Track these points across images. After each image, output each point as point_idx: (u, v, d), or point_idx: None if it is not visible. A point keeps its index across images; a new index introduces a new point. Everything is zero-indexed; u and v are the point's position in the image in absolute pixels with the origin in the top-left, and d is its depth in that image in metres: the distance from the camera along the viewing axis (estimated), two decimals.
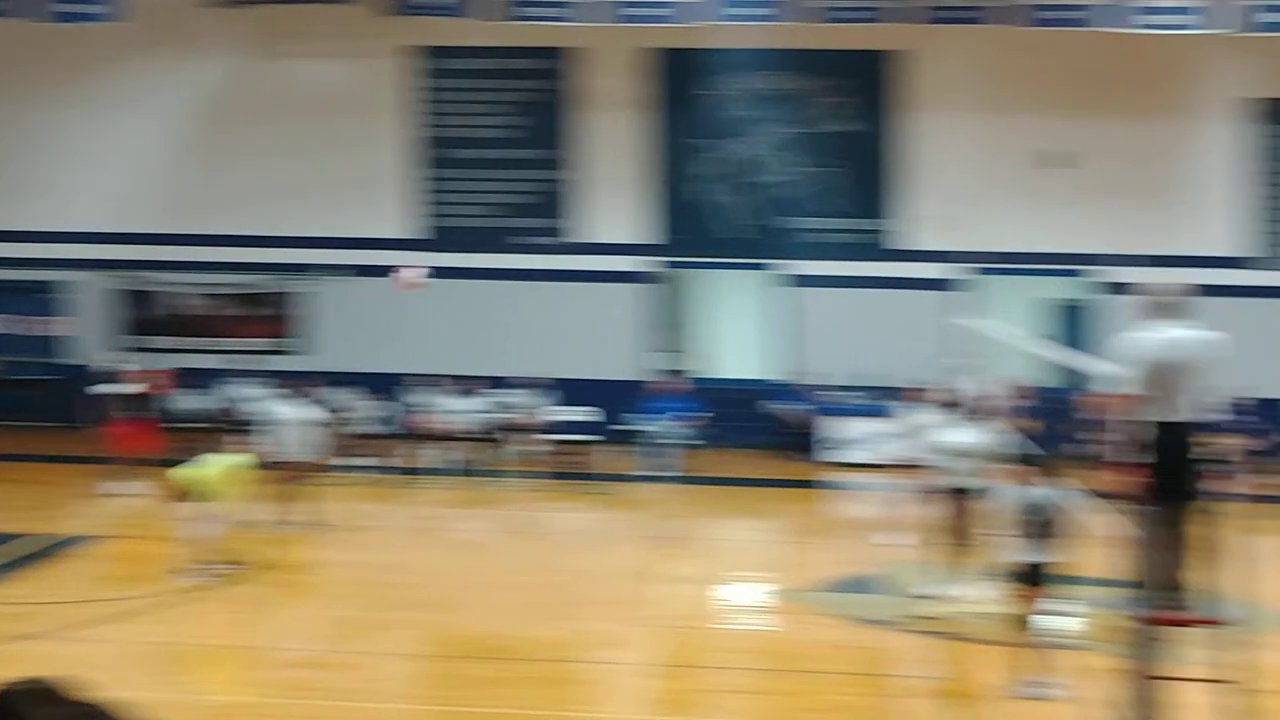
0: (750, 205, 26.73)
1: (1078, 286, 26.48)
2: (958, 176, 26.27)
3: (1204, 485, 10.00)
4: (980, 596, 15.34)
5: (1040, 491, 12.36)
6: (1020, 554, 12.28)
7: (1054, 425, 21.46)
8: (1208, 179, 26.22)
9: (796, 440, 25.54)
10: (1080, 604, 15.58)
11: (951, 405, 15.70)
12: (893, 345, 25.29)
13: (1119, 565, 14.44)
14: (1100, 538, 16.44)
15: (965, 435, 15.11)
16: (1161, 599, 9.88)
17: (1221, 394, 10.00)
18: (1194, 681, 11.90)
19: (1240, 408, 22.78)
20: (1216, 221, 26.14)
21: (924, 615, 14.81)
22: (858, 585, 16.29)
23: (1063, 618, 15.13)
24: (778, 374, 26.64)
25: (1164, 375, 9.78)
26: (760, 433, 26.00)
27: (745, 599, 16.32)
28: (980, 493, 15.16)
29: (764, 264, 26.77)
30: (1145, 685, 9.47)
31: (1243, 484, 20.78)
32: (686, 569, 17.47)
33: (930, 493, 15.57)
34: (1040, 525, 12.15)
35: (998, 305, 24.54)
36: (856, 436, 24.83)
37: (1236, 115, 26.05)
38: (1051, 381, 27.26)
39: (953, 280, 25.97)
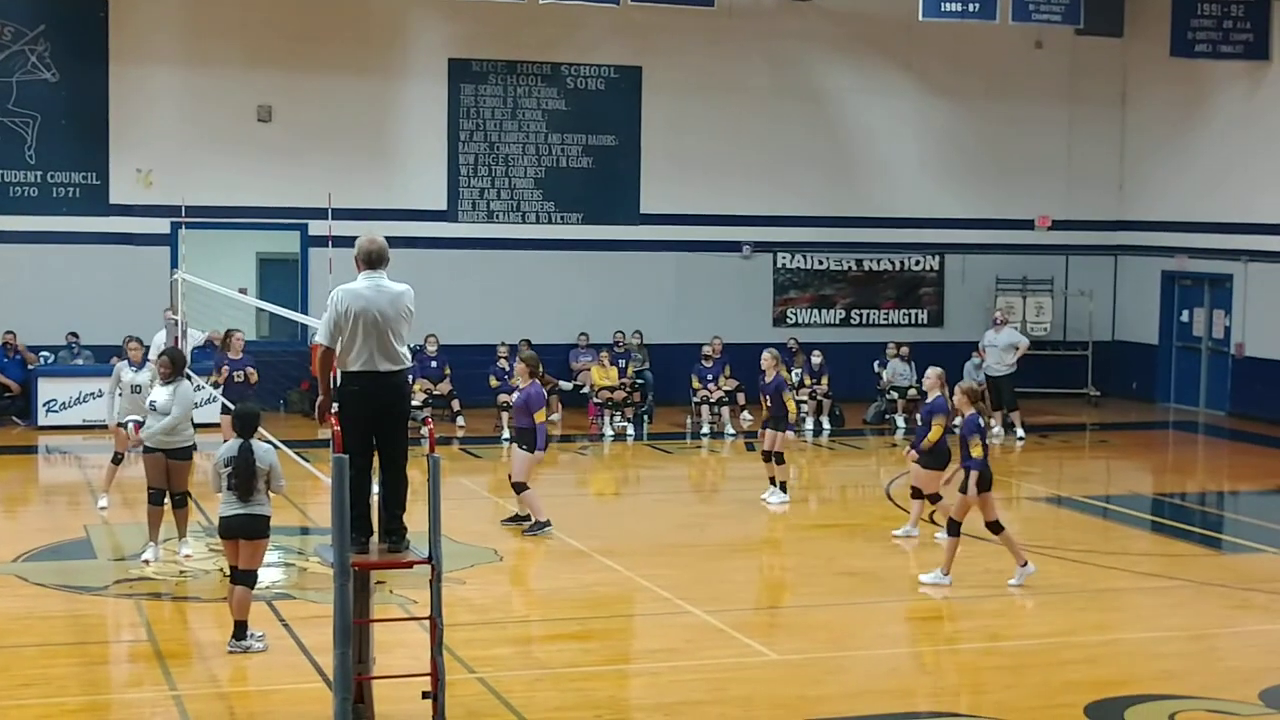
0: None
1: (290, 240, 26.76)
2: (169, 129, 25.82)
3: (404, 431, 10.38)
4: (191, 553, 15.30)
5: (264, 446, 12.39)
6: (255, 507, 12.25)
7: (266, 376, 21.65)
8: (415, 135, 27.12)
9: (12, 404, 24.46)
10: (285, 552, 15.86)
11: (165, 362, 15.43)
12: (108, 302, 24.67)
13: (321, 513, 14.88)
14: (303, 487, 16.82)
15: (166, 392, 14.93)
16: (362, 544, 10.18)
17: (417, 342, 10.37)
18: (397, 621, 12.44)
19: (430, 356, 24.02)
20: (420, 176, 27.11)
21: (135, 577, 14.57)
22: (63, 552, 15.81)
23: (276, 567, 15.36)
24: None
25: (364, 325, 10.03)
26: None
27: None
28: (187, 450, 15.09)
29: None
30: (351, 629, 9.71)
31: (436, 428, 21.85)
32: None
33: (143, 452, 15.31)
34: (242, 478, 12.18)
35: (211, 259, 24.37)
36: (72, 398, 24.03)
37: (439, 74, 27.08)
38: (266, 335, 27.55)
39: (163, 235, 25.54)
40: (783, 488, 18.99)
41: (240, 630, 12.26)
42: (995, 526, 15.03)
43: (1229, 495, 21.86)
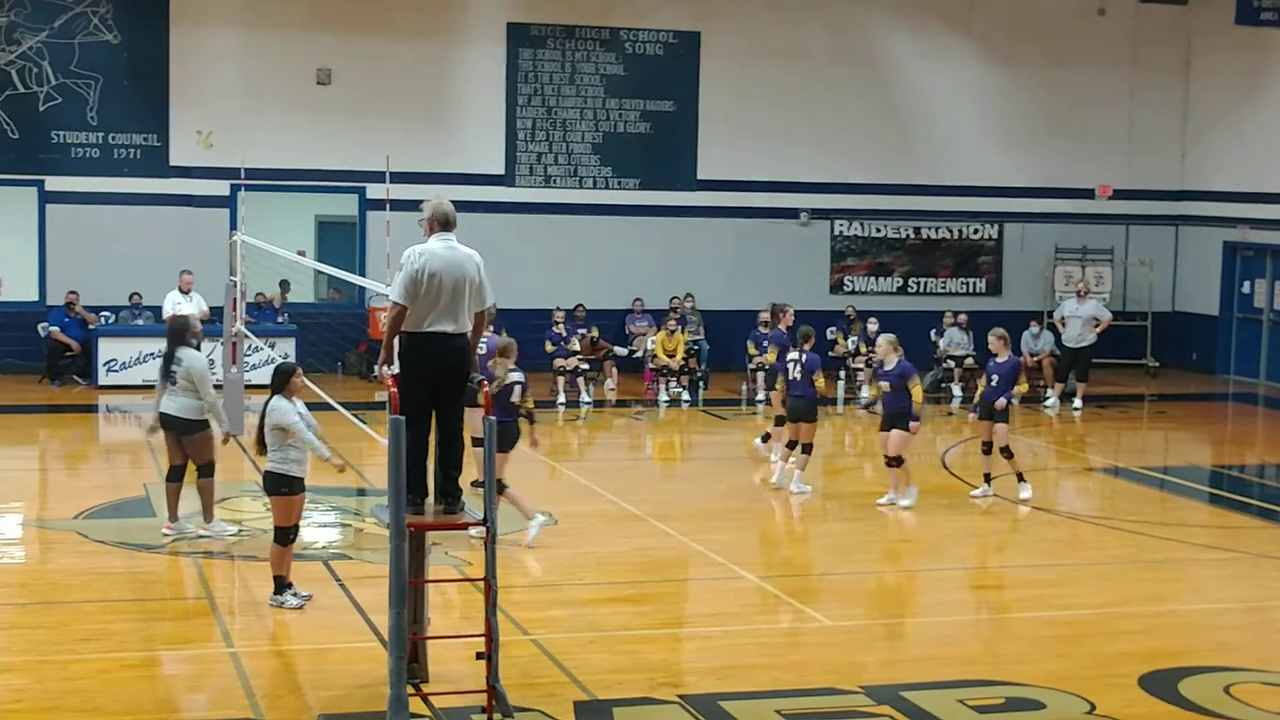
0: (15, 118, 25.33)
1: (348, 203, 26.87)
2: (229, 91, 25.95)
3: (463, 394, 10.42)
4: (220, 525, 15.27)
5: (283, 404, 12.47)
6: (270, 465, 12.40)
7: (323, 338, 21.79)
8: (474, 99, 27.15)
9: (73, 363, 24.69)
10: (341, 513, 15.97)
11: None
12: (169, 263, 24.80)
13: (378, 474, 14.95)
14: (359, 448, 16.89)
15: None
16: (418, 505, 10.23)
17: (484, 303, 10.36)
18: (451, 582, 12.52)
19: (492, 319, 23.98)
20: (479, 140, 27.14)
21: (186, 535, 14.69)
22: (123, 510, 15.98)
23: (332, 527, 15.47)
24: (50, 295, 25.55)
25: (441, 289, 10.05)
26: (35, 356, 24.90)
27: (4, 532, 15.62)
28: (194, 424, 14.93)
29: (32, 180, 25.53)
30: (407, 590, 9.78)
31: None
32: None
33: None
34: (281, 436, 12.32)
35: (270, 221, 24.51)
36: (132, 358, 24.24)
37: (497, 38, 27.09)
38: (324, 297, 27.69)
39: (223, 196, 25.68)
40: (1020, 479, 17.47)
41: (278, 585, 12.40)
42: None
43: None
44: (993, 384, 17.25)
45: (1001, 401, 17.06)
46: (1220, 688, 10.99)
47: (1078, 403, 24.96)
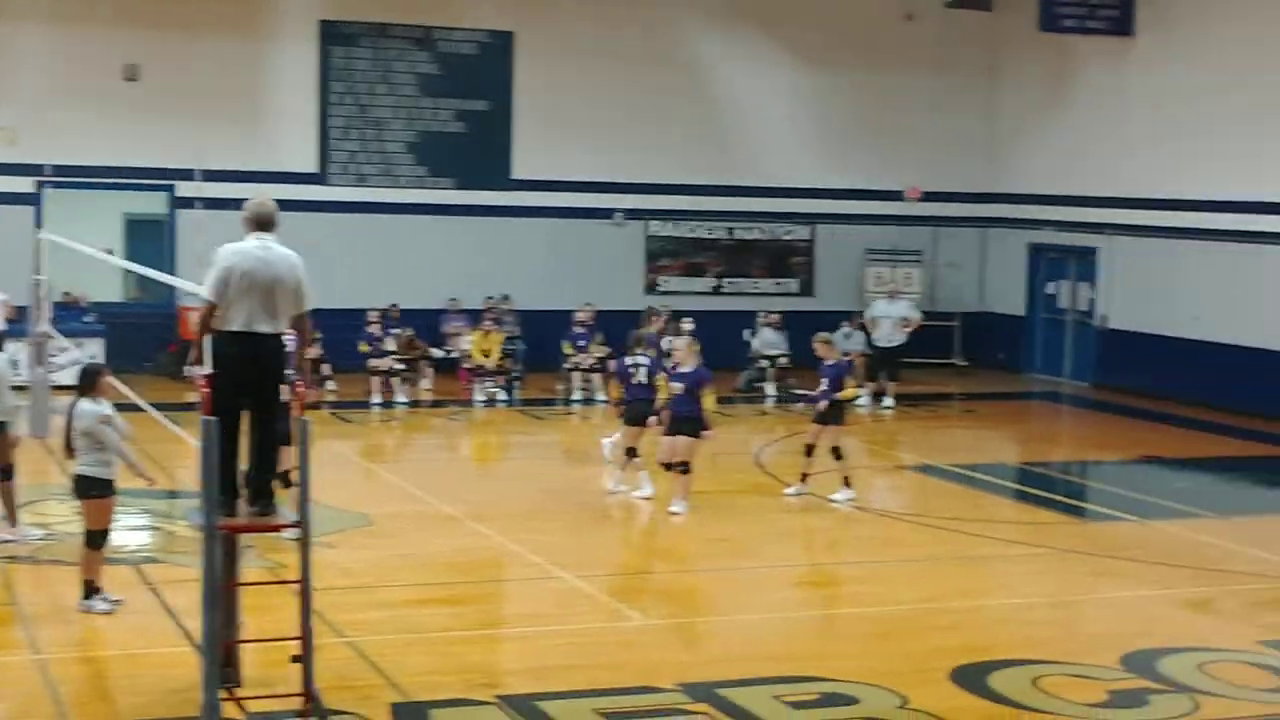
0: None
1: (157, 201, 26.33)
2: (34, 87, 25.29)
3: (278, 394, 10.26)
4: (25, 530, 14.84)
5: (90, 407, 12.21)
6: (79, 468, 12.15)
7: (132, 338, 21.35)
8: (286, 97, 26.79)
9: None
10: (153, 515, 15.65)
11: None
12: None
13: (190, 475, 14.68)
14: (171, 450, 16.55)
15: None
16: (231, 506, 10.05)
17: (301, 306, 10.19)
18: (266, 585, 12.32)
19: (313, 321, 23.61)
20: (291, 138, 26.79)
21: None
22: None
23: (143, 530, 15.14)
24: None
25: (248, 286, 9.87)
26: None
27: None
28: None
29: None
30: (220, 593, 9.61)
31: (310, 393, 21.61)
32: None
33: None
34: (90, 438, 12.09)
35: (76, 219, 23.93)
36: None
37: (310, 36, 26.76)
38: (137, 297, 27.12)
39: (28, 194, 25.03)
40: (846, 483, 17.51)
41: (86, 590, 12.14)
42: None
43: (1093, 464, 22.25)
44: (822, 387, 17.44)
45: (823, 404, 17.27)
46: (1029, 680, 11.22)
47: (889, 401, 25.36)
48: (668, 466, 16.68)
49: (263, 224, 10.13)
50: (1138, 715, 10.63)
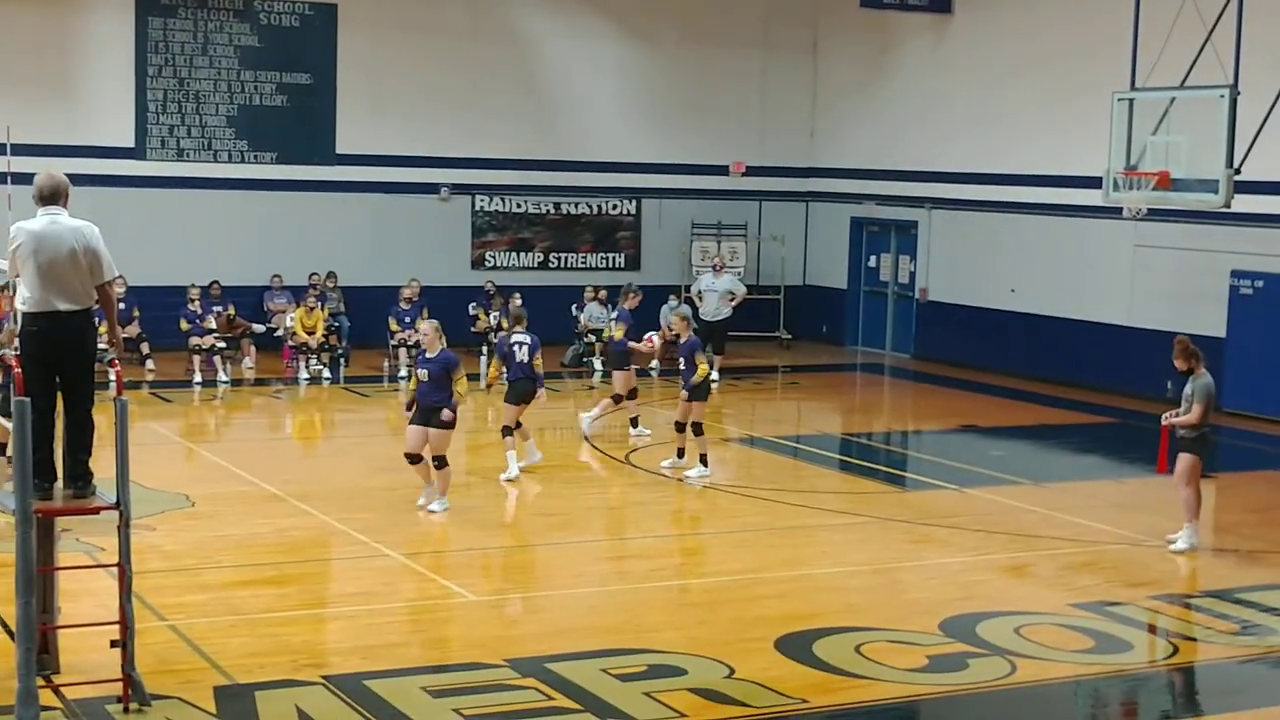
0: None
1: None
2: None
3: (86, 374, 10.05)
4: None
5: None
6: None
7: None
8: (101, 69, 26.20)
9: None
10: None
11: None
12: None
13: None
14: None
15: None
16: (45, 490, 9.85)
17: (112, 282, 10.03)
18: (83, 569, 12.08)
19: (121, 296, 23.18)
20: (107, 112, 26.21)
21: None
22: None
23: None
24: None
25: (45, 264, 9.68)
26: None
27: None
28: None
29: None
30: (35, 578, 9.41)
31: (125, 371, 21.20)
32: None
33: None
34: None
35: None
36: None
37: (126, 6, 26.19)
38: None
39: None
40: (704, 460, 17.65)
41: None
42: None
43: (912, 435, 22.67)
44: (680, 364, 17.49)
45: (684, 393, 17.43)
46: (852, 647, 11.41)
47: (714, 374, 25.56)
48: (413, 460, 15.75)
49: (50, 198, 9.92)
50: (957, 679, 10.87)
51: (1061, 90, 25.38)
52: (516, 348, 17.40)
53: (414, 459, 15.57)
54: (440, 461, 15.45)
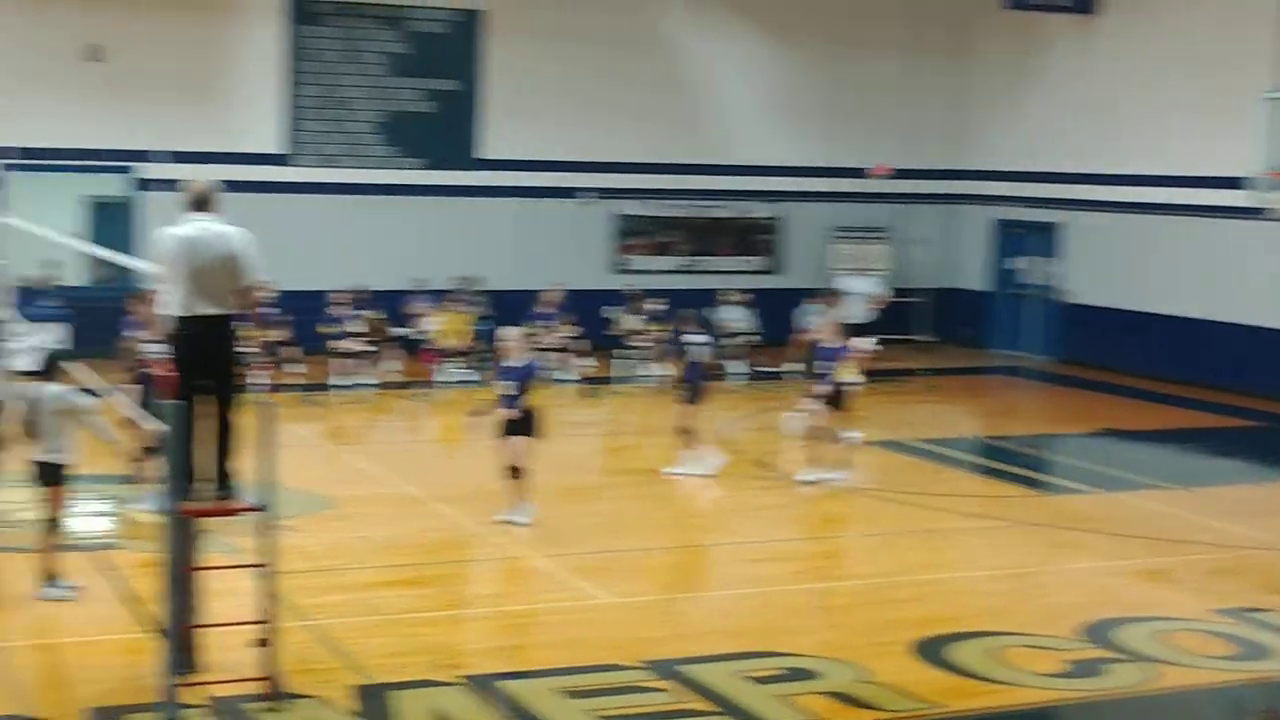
0: None
1: (119, 183, 26.23)
2: None
3: (237, 377, 10.28)
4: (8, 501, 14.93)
5: (54, 390, 12.21)
6: (41, 454, 12.13)
7: (95, 323, 21.25)
8: (253, 77, 26.70)
9: None
10: (113, 501, 15.63)
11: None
12: None
13: (151, 460, 14.66)
14: (133, 433, 16.54)
15: None
16: (194, 490, 10.07)
17: (257, 287, 10.25)
18: (227, 568, 12.32)
19: (272, 301, 23.60)
20: (256, 119, 26.71)
21: None
22: None
23: (93, 517, 15.13)
24: None
25: (194, 269, 9.89)
26: None
27: None
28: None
29: None
30: (182, 577, 9.64)
31: (271, 374, 21.63)
32: None
33: None
34: (53, 425, 12.09)
35: (35, 202, 23.81)
36: None
37: (277, 15, 26.68)
38: (96, 280, 27.00)
39: None
40: (830, 464, 17.47)
41: (45, 577, 12.15)
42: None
43: (1053, 438, 22.37)
44: (816, 369, 17.49)
45: (827, 389, 17.31)
46: (988, 652, 11.33)
47: (853, 379, 25.41)
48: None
49: (200, 204, 10.14)
50: (1096, 684, 10.76)
51: (1207, 90, 24.94)
52: (690, 347, 17.47)
53: (511, 472, 15.30)
54: (519, 472, 15.10)
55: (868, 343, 20.07)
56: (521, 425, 15.04)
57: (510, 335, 15.42)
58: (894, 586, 13.25)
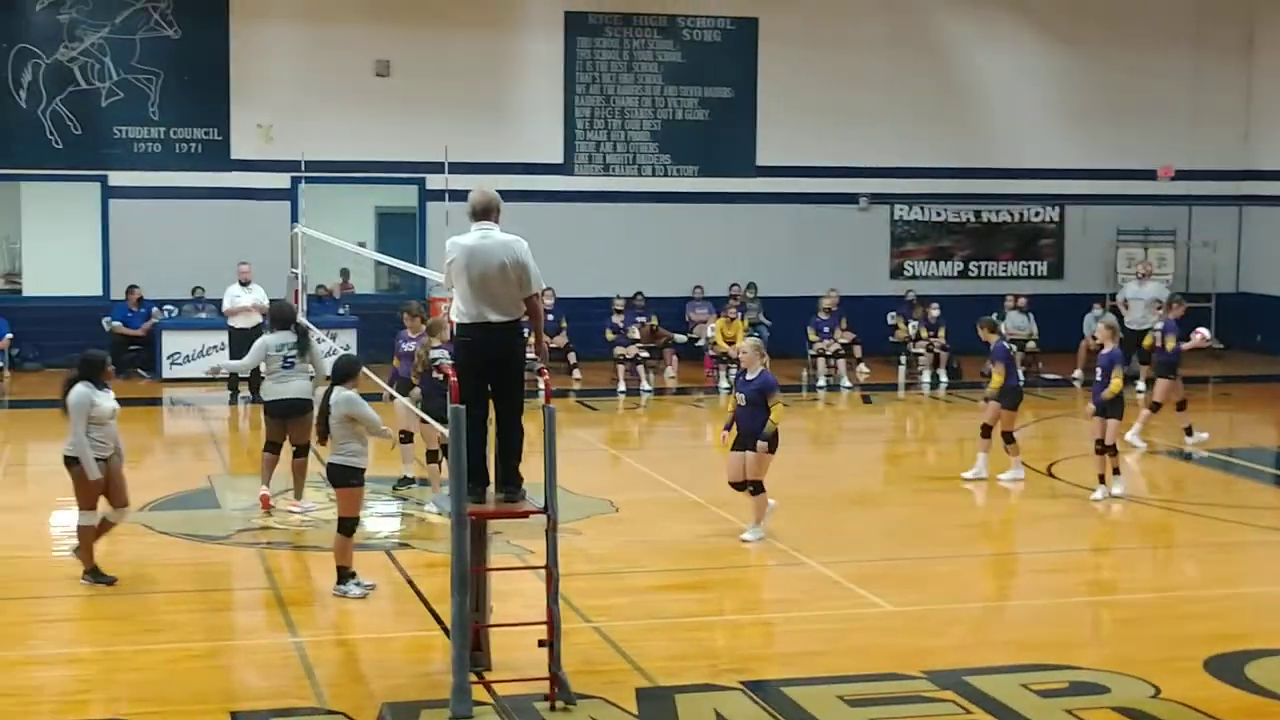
0: (78, 114, 25.58)
1: (407, 194, 26.97)
2: (289, 84, 26.13)
3: (522, 382, 10.46)
4: (308, 503, 15.48)
5: (344, 395, 12.55)
6: (333, 457, 12.50)
7: (384, 329, 21.81)
8: (532, 89, 27.20)
9: (136, 357, 24.92)
10: (403, 502, 16.03)
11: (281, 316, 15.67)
12: (230, 257, 24.92)
13: (440, 462, 15.02)
14: (423, 436, 16.97)
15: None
16: (479, 494, 10.27)
17: (538, 294, 10.41)
18: (513, 570, 12.55)
19: (546, 309, 23.99)
20: (537, 129, 27.18)
21: (256, 526, 14.83)
22: (187, 502, 16.10)
23: (394, 517, 15.55)
24: (113, 290, 25.81)
25: (476, 276, 10.09)
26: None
27: (71, 524, 15.77)
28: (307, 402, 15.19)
29: (94, 175, 25.79)
30: (469, 578, 9.84)
31: (553, 380, 21.89)
32: (10, 497, 16.73)
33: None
34: (345, 429, 12.44)
35: (330, 213, 24.65)
36: (196, 351, 24.43)
37: (555, 27, 27.12)
38: (385, 288, 27.82)
39: (284, 189, 25.84)
40: (1109, 476, 16.64)
41: (341, 575, 12.48)
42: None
43: None
44: (1098, 378, 16.73)
45: (1090, 408, 16.60)
46: None
47: (1141, 385, 24.74)
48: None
49: (482, 213, 10.32)
50: None
51: None
52: (1010, 352, 17.31)
53: (737, 486, 14.75)
54: (757, 488, 14.51)
55: (1206, 333, 19.48)
56: (752, 439, 14.36)
57: (746, 347, 14.83)
58: (1185, 600, 12.84)
